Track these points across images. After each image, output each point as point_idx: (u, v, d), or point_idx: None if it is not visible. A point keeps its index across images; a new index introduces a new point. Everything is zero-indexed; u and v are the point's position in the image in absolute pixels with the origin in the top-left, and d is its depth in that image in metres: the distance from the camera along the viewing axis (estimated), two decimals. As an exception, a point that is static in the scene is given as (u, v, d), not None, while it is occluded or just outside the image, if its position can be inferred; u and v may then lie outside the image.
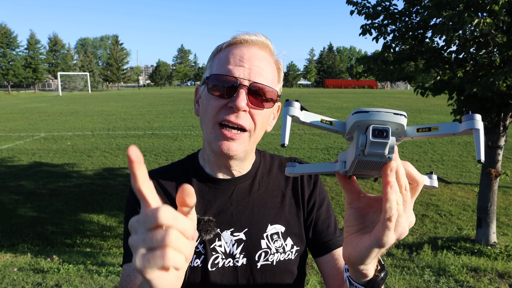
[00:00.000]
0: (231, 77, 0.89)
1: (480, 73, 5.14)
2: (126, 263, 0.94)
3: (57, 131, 16.91)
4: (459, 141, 14.17)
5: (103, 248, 6.16)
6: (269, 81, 0.94)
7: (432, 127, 0.53)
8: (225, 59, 0.93)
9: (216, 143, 0.92)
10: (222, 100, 0.91)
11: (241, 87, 0.89)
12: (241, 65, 0.91)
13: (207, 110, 0.93)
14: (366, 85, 76.29)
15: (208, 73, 0.96)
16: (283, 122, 0.53)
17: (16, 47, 63.07)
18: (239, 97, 0.88)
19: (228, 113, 0.90)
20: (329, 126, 0.53)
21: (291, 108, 0.52)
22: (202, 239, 0.97)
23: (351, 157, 0.54)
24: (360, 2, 5.93)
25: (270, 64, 0.96)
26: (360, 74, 6.88)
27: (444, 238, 6.41)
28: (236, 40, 0.95)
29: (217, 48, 0.98)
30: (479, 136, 0.51)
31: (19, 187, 8.88)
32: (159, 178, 1.02)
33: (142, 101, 35.15)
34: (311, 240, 1.06)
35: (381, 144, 0.49)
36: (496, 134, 5.77)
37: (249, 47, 0.94)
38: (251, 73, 0.91)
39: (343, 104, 30.03)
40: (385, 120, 0.50)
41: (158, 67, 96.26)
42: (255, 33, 0.96)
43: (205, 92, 0.95)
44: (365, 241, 0.59)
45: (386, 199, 0.53)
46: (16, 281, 4.15)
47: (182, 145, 13.41)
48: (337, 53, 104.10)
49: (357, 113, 0.50)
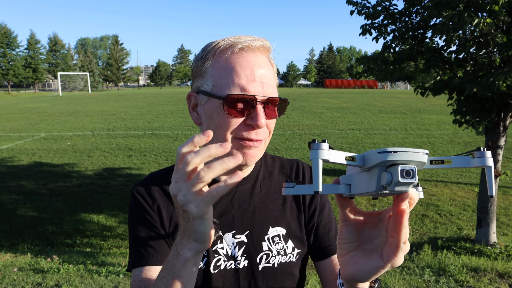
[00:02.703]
0: (248, 96, 0.87)
1: (480, 73, 5.14)
2: (136, 267, 0.94)
3: (57, 131, 16.91)
4: (459, 141, 14.18)
5: (103, 248, 6.16)
6: (275, 86, 0.94)
7: (445, 160, 0.54)
8: (233, 71, 0.88)
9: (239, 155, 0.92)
10: (240, 118, 0.89)
11: (258, 104, 0.88)
12: (253, 79, 0.88)
13: (222, 127, 0.90)
14: (366, 85, 76.27)
15: (211, 83, 0.90)
16: (315, 167, 0.51)
17: (16, 47, 63.06)
18: (259, 115, 0.87)
19: (248, 130, 0.89)
20: (351, 162, 0.53)
21: (321, 151, 0.51)
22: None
23: (363, 187, 0.55)
24: (360, 2, 5.93)
25: (270, 68, 0.95)
26: (360, 74, 6.88)
27: (444, 238, 6.41)
28: (240, 47, 0.89)
29: (212, 52, 0.91)
30: (491, 173, 0.53)
31: (19, 187, 8.88)
32: (161, 181, 1.02)
33: (142, 101, 35.15)
34: (312, 245, 1.07)
35: (408, 184, 0.51)
36: (496, 134, 5.77)
37: (254, 55, 0.91)
38: (264, 87, 0.89)
39: (343, 104, 30.03)
40: (411, 160, 0.51)
41: (158, 67, 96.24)
42: (256, 38, 0.93)
43: (214, 107, 0.90)
44: (375, 262, 0.60)
45: (403, 226, 0.56)
46: (16, 281, 4.15)
47: (182, 145, 13.42)
48: (337, 53, 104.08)
49: (384, 153, 0.51)
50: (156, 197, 0.99)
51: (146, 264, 0.93)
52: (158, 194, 1.00)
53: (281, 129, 16.77)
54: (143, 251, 0.95)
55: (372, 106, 28.26)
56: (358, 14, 5.96)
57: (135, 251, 0.96)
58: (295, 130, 16.62)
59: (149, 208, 0.98)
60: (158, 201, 0.99)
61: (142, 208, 0.98)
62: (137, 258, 0.95)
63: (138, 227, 0.97)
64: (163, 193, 1.00)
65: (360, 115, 22.40)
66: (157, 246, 0.95)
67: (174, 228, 0.98)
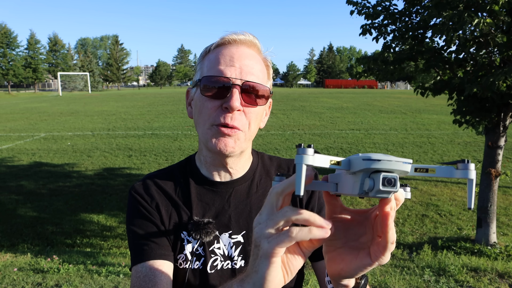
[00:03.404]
0: (223, 78, 0.90)
1: (480, 73, 5.14)
2: (137, 263, 0.93)
3: (57, 131, 16.91)
4: (459, 141, 14.18)
5: (103, 248, 6.16)
6: (260, 78, 0.95)
7: (429, 169, 0.55)
8: (215, 60, 0.93)
9: (213, 141, 0.92)
10: (216, 101, 0.91)
11: (234, 87, 0.89)
12: (232, 64, 0.91)
13: (202, 112, 0.93)
14: (366, 85, 76.26)
15: (199, 75, 0.96)
16: (298, 171, 0.52)
17: (16, 47, 63.07)
18: (233, 97, 0.89)
19: (223, 114, 0.90)
20: (336, 166, 0.54)
21: (305, 156, 0.52)
22: (202, 241, 0.97)
23: (348, 189, 0.56)
24: (360, 2, 5.93)
25: (259, 62, 0.96)
26: (360, 74, 6.88)
27: (444, 238, 6.41)
28: (225, 41, 0.94)
29: (205, 50, 0.98)
30: (472, 186, 0.55)
31: (19, 187, 8.88)
32: (158, 182, 1.02)
33: (142, 101, 35.16)
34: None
35: (388, 192, 0.52)
36: (496, 134, 5.77)
37: (237, 47, 0.94)
38: (242, 72, 0.91)
39: (343, 104, 30.03)
40: (393, 169, 0.52)
41: (158, 67, 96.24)
42: (242, 32, 0.96)
43: (197, 94, 0.95)
44: (363, 260, 0.60)
45: (389, 228, 0.56)
46: (16, 281, 4.15)
47: (182, 145, 13.41)
48: (337, 53, 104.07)
49: (367, 160, 0.52)
50: (154, 195, 1.00)
51: (149, 259, 0.92)
52: (156, 193, 1.00)
53: (281, 129, 16.77)
54: (145, 247, 0.94)
55: (372, 106, 28.26)
56: (358, 14, 5.96)
57: (136, 248, 0.95)
58: (295, 130, 16.62)
59: (147, 205, 0.98)
60: (156, 199, 0.99)
61: (140, 205, 0.98)
62: (139, 254, 0.94)
63: (137, 224, 0.97)
64: (162, 192, 1.01)
65: (360, 115, 22.40)
66: (159, 241, 0.95)
67: (173, 226, 0.98)
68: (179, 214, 0.99)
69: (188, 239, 0.98)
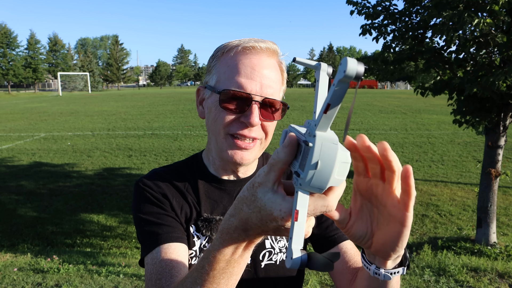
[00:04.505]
0: (244, 93, 0.89)
1: (480, 73, 5.14)
2: (151, 250, 0.89)
3: (57, 131, 16.91)
4: (459, 141, 14.18)
5: (103, 248, 6.16)
6: (277, 89, 0.95)
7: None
8: (235, 68, 0.91)
9: (229, 153, 0.93)
10: (234, 114, 0.91)
11: (254, 103, 0.90)
12: (252, 77, 0.90)
13: (217, 121, 0.93)
14: (366, 85, 76.26)
15: (215, 79, 0.94)
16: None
17: (16, 47, 63.09)
18: (253, 113, 0.89)
19: (241, 127, 0.91)
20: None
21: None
22: (212, 238, 0.99)
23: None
24: (360, 2, 5.93)
25: (277, 71, 0.96)
26: (360, 74, 6.87)
27: (444, 238, 6.41)
28: (245, 47, 0.92)
29: (222, 50, 0.95)
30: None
31: (19, 187, 8.88)
32: (166, 176, 1.02)
33: (142, 101, 35.16)
34: (316, 236, 1.06)
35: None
36: (496, 134, 5.77)
37: (258, 56, 0.92)
38: (263, 87, 0.91)
39: (343, 104, 29.77)
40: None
41: (158, 67, 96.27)
42: (263, 40, 0.95)
43: (214, 101, 0.94)
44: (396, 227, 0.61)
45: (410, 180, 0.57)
46: (16, 281, 4.15)
47: (182, 145, 13.41)
48: (337, 53, 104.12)
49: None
50: (163, 187, 0.99)
51: (164, 242, 0.89)
52: (165, 186, 0.99)
53: (281, 129, 16.70)
54: (159, 231, 0.91)
55: (372, 106, 28.26)
56: (358, 14, 5.96)
57: (148, 235, 0.92)
58: (295, 130, 16.62)
59: (157, 194, 0.97)
60: (165, 190, 0.98)
61: (150, 194, 0.97)
62: (152, 240, 0.90)
63: (148, 211, 0.94)
64: (171, 185, 1.00)
65: (360, 115, 22.40)
66: (173, 224, 0.94)
67: (184, 218, 0.98)
68: (189, 208, 0.99)
69: (197, 235, 0.98)
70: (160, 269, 0.85)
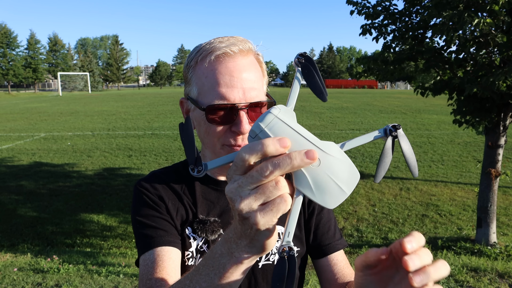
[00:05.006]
0: (228, 104, 0.87)
1: (480, 73, 5.14)
2: (145, 252, 0.92)
3: (57, 131, 16.91)
4: (459, 141, 14.18)
5: (103, 248, 6.16)
6: (260, 88, 0.93)
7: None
8: (213, 79, 0.88)
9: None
10: (224, 126, 0.90)
11: (240, 111, 0.87)
12: (233, 85, 0.87)
13: (210, 134, 0.91)
14: (366, 85, 76.26)
15: (196, 91, 0.91)
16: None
17: (16, 47, 63.05)
18: (242, 121, 0.87)
19: (234, 136, 0.90)
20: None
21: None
22: (207, 239, 0.99)
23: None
24: (360, 2, 5.93)
25: (255, 67, 0.93)
26: (360, 74, 6.88)
27: (444, 238, 6.41)
28: (218, 56, 0.87)
29: (195, 59, 0.91)
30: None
31: (19, 187, 8.88)
32: (164, 178, 1.03)
33: (142, 101, 35.16)
34: (311, 243, 1.07)
35: None
36: (496, 134, 5.77)
37: (233, 60, 0.88)
38: (245, 92, 0.88)
39: (343, 104, 30.03)
40: None
41: (158, 67, 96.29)
42: (234, 39, 0.90)
43: (200, 115, 0.91)
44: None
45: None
46: (16, 281, 4.16)
47: (182, 145, 13.41)
48: (337, 53, 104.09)
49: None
50: (160, 189, 1.00)
51: (157, 245, 0.92)
52: (162, 188, 1.01)
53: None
54: (153, 234, 0.94)
55: (372, 106, 28.26)
56: (358, 14, 5.97)
57: (144, 237, 0.94)
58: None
59: (154, 197, 0.99)
60: (162, 193, 1.00)
61: (147, 197, 0.98)
62: (146, 242, 0.93)
63: (144, 214, 0.97)
64: (168, 187, 1.01)
65: (360, 115, 22.41)
66: (167, 228, 0.96)
67: (180, 221, 0.99)
68: (185, 210, 1.00)
69: (193, 236, 0.99)
70: (151, 271, 0.88)
